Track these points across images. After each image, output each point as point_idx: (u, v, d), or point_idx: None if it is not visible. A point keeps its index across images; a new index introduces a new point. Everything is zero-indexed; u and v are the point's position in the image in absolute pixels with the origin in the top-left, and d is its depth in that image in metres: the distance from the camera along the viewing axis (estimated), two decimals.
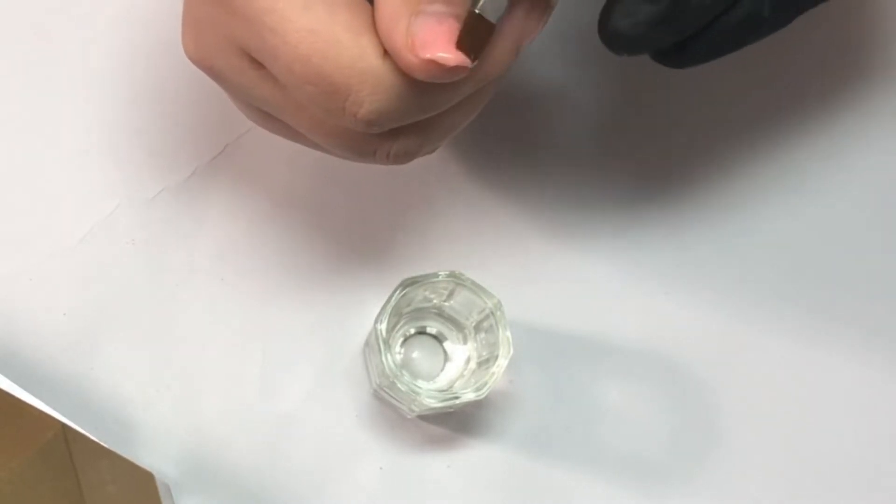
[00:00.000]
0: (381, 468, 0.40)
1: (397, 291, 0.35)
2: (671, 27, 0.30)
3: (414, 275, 0.35)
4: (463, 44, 0.28)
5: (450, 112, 0.31)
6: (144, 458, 0.39)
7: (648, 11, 0.30)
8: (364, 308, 0.41)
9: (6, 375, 0.36)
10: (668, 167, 0.43)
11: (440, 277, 0.36)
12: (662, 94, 0.43)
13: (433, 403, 0.35)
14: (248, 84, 0.30)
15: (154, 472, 0.37)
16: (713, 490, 0.41)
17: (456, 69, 0.28)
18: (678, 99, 0.43)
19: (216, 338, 0.40)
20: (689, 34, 0.31)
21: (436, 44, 0.27)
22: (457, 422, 0.40)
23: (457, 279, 0.36)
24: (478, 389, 0.35)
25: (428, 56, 0.27)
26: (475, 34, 0.28)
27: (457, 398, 0.35)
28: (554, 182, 0.42)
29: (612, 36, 0.30)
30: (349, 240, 0.41)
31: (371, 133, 0.30)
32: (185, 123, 0.41)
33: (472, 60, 0.28)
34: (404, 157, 0.32)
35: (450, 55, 0.27)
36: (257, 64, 0.30)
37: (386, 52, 0.28)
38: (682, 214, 0.43)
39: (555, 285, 0.42)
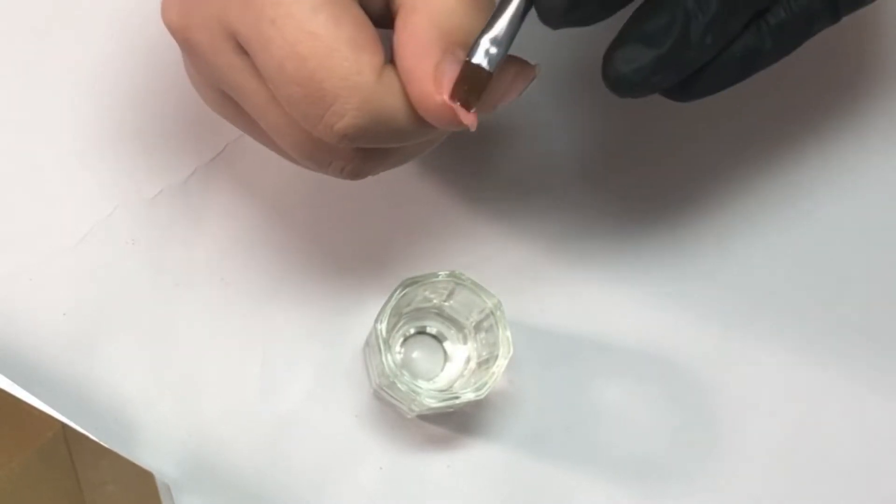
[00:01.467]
0: (381, 468, 0.40)
1: (397, 291, 0.35)
2: (673, 69, 0.30)
3: (414, 275, 0.35)
4: (457, 92, 0.28)
5: (419, 143, 0.31)
6: (144, 458, 0.39)
7: (650, 55, 0.30)
8: (364, 308, 0.41)
9: (6, 375, 0.36)
10: (669, 168, 0.43)
11: (440, 277, 0.36)
12: (661, 100, 0.43)
13: (433, 403, 0.35)
14: (223, 67, 0.30)
15: (154, 472, 0.37)
16: (713, 490, 0.41)
17: (462, 125, 0.28)
18: (677, 106, 0.43)
19: (216, 337, 0.40)
20: (689, 74, 0.31)
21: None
22: (457, 422, 0.40)
23: (457, 279, 0.36)
24: (478, 389, 0.35)
25: (450, 102, 0.28)
26: (472, 83, 0.28)
27: (457, 398, 0.35)
28: (554, 182, 0.42)
29: (616, 81, 0.30)
30: (349, 240, 0.41)
31: (337, 146, 0.30)
32: (185, 123, 0.41)
33: (469, 109, 0.28)
34: (356, 175, 0.32)
35: (469, 112, 0.28)
36: (241, 49, 0.29)
37: (381, 75, 0.28)
38: (682, 215, 0.43)
39: (555, 285, 0.42)
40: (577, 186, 0.42)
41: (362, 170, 0.31)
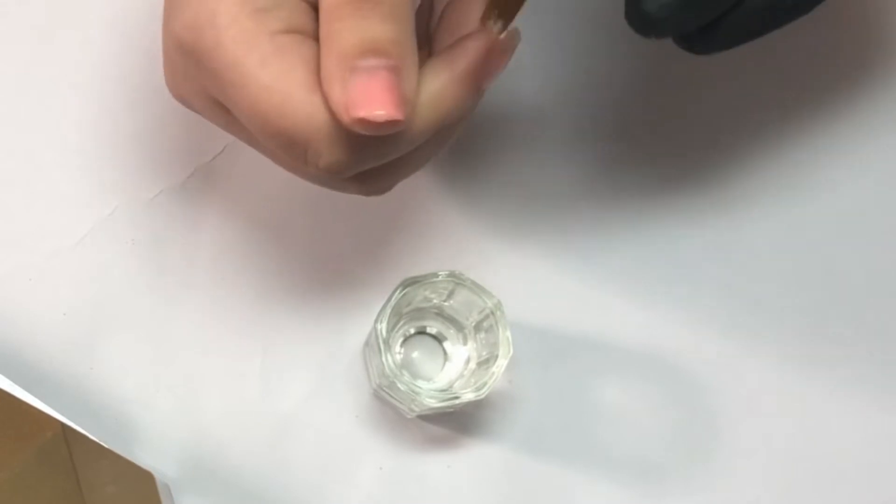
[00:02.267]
0: (381, 468, 0.40)
1: (397, 291, 0.35)
2: (698, 9, 0.31)
3: (414, 275, 0.35)
4: (491, 9, 0.28)
5: (417, 150, 0.31)
6: (144, 458, 0.39)
7: None
8: (364, 308, 0.41)
9: (6, 375, 0.36)
10: (669, 168, 0.43)
11: (440, 277, 0.36)
12: (661, 96, 0.43)
13: (433, 403, 0.35)
14: (223, 126, 0.32)
15: (154, 472, 0.37)
16: (713, 490, 0.41)
17: (388, 125, 0.28)
18: (677, 101, 0.43)
19: (216, 337, 0.40)
20: (713, 18, 0.31)
21: (366, 101, 0.27)
22: (457, 422, 0.40)
23: (457, 279, 0.36)
24: (478, 389, 0.35)
25: (360, 115, 0.27)
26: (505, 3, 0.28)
27: (457, 398, 0.35)
28: (554, 182, 0.42)
29: (641, 18, 0.30)
30: (349, 239, 0.41)
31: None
32: (184, 124, 0.41)
33: (503, 28, 0.28)
34: (380, 191, 0.32)
35: (381, 112, 0.27)
36: (226, 109, 0.30)
37: None
38: (682, 214, 0.43)
39: (555, 285, 0.42)
40: (577, 186, 0.42)
41: (380, 186, 0.32)
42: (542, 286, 0.41)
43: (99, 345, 0.40)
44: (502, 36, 0.29)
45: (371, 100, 0.27)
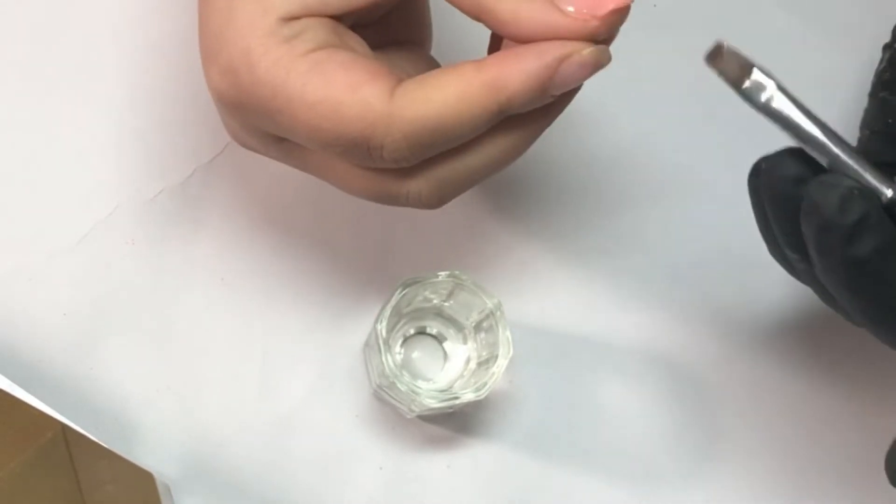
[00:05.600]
0: (381, 468, 0.40)
1: (397, 291, 0.35)
2: None
3: (414, 275, 0.35)
4: None
5: (480, 154, 0.31)
6: (144, 458, 0.39)
7: None
8: (364, 308, 0.41)
9: (6, 375, 0.36)
10: (670, 169, 0.43)
11: (440, 277, 0.36)
12: (660, 96, 0.43)
13: (433, 403, 0.35)
14: (279, 157, 0.33)
15: (154, 472, 0.37)
16: (713, 490, 0.41)
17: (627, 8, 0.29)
18: (677, 99, 0.43)
19: (216, 337, 0.40)
20: None
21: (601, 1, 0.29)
22: (457, 422, 0.40)
23: (457, 279, 0.36)
24: (478, 389, 0.35)
25: (611, 6, 0.29)
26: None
27: (457, 398, 0.35)
28: (554, 182, 0.42)
29: None
30: (349, 240, 0.41)
31: (401, 171, 0.31)
32: (185, 123, 0.41)
33: None
34: (437, 201, 0.32)
35: None
36: (281, 138, 0.32)
37: (393, 94, 0.29)
38: (682, 214, 0.43)
39: (555, 285, 0.42)
40: (577, 186, 0.42)
41: (439, 193, 0.32)
42: (542, 286, 0.41)
43: (99, 345, 0.40)
44: (587, 52, 0.30)
45: None
